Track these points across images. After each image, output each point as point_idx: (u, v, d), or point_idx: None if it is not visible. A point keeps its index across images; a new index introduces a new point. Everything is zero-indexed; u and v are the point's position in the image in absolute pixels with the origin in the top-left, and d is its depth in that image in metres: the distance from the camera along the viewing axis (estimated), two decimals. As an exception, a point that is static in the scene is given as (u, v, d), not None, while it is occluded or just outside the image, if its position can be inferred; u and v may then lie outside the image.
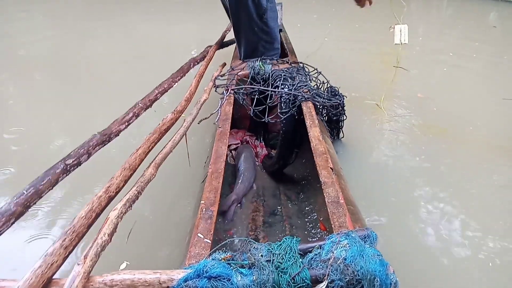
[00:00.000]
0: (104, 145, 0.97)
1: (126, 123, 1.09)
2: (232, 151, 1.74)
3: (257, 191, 1.48)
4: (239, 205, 1.38)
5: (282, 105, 1.48)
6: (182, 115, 1.33)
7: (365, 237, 0.66)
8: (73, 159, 0.85)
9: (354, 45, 3.95)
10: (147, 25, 4.80)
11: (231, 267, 0.61)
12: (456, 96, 2.77)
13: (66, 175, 0.83)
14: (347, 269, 0.59)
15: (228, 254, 0.66)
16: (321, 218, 1.20)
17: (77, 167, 0.86)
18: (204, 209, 0.86)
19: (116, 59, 3.55)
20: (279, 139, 1.54)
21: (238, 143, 1.78)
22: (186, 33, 4.27)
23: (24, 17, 5.16)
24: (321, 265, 0.60)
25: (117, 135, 1.03)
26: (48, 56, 3.59)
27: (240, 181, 1.44)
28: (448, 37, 4.70)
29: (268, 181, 1.60)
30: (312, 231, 1.17)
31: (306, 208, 1.34)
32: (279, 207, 1.39)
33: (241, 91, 1.62)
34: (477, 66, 3.54)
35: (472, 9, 6.55)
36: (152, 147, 1.04)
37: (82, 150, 0.89)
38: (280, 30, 2.43)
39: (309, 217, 1.24)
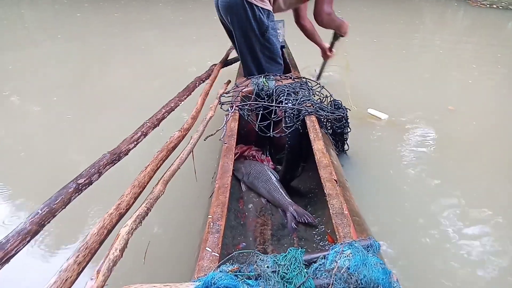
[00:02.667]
0: (114, 164, 1.01)
1: (135, 142, 1.13)
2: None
3: (265, 204, 1.49)
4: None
5: (287, 119, 1.51)
6: (189, 132, 1.37)
7: (368, 247, 0.67)
8: (84, 179, 0.89)
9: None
10: (163, 46, 4.91)
11: (238, 279, 0.63)
12: (483, 108, 2.73)
13: (78, 194, 0.87)
14: (351, 278, 0.60)
15: (235, 266, 0.67)
16: (329, 230, 1.20)
17: (88, 186, 0.90)
18: (211, 224, 0.87)
19: (132, 78, 3.62)
20: (285, 154, 1.56)
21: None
22: (200, 54, 4.33)
23: (46, 39, 5.33)
24: (325, 274, 0.62)
25: (126, 154, 1.07)
26: (68, 76, 3.68)
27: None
28: (467, 49, 4.68)
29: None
30: (320, 243, 1.18)
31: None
32: (286, 220, 1.40)
33: (246, 107, 1.65)
34: (502, 76, 3.53)
35: (488, 19, 6.53)
36: (161, 165, 1.07)
37: (93, 170, 0.92)
38: (283, 47, 2.49)
39: (316, 229, 1.25)
